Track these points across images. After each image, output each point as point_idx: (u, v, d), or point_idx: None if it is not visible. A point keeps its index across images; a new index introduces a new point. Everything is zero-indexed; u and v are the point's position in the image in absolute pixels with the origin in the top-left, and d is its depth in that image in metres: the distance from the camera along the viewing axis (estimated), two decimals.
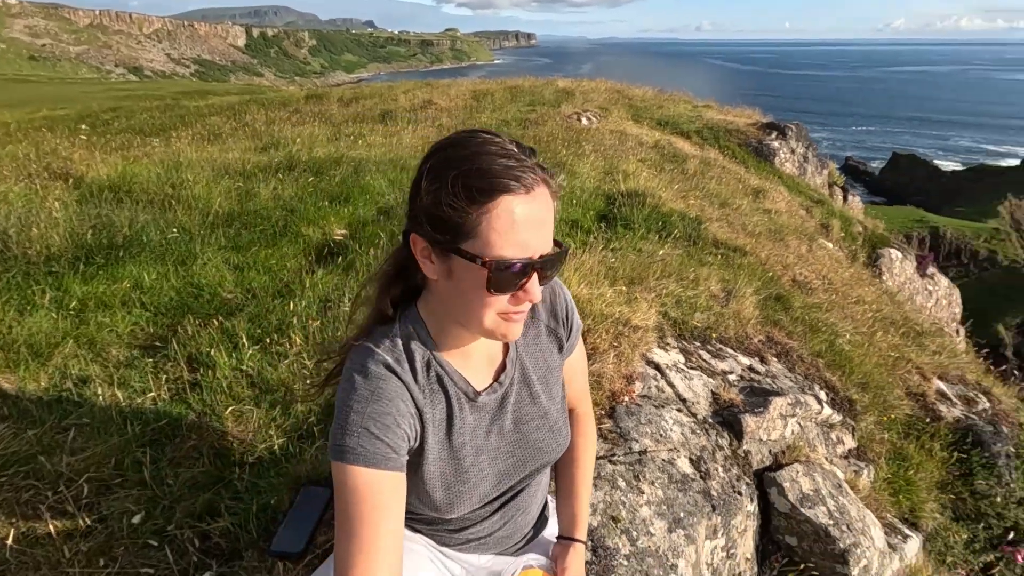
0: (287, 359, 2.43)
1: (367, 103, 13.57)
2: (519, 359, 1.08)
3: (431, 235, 0.87)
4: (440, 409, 0.99)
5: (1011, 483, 3.49)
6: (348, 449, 0.86)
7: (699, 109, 14.38)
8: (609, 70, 52.04)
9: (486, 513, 1.13)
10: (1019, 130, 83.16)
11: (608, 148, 7.69)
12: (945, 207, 46.98)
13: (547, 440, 1.11)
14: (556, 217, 0.91)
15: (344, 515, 0.86)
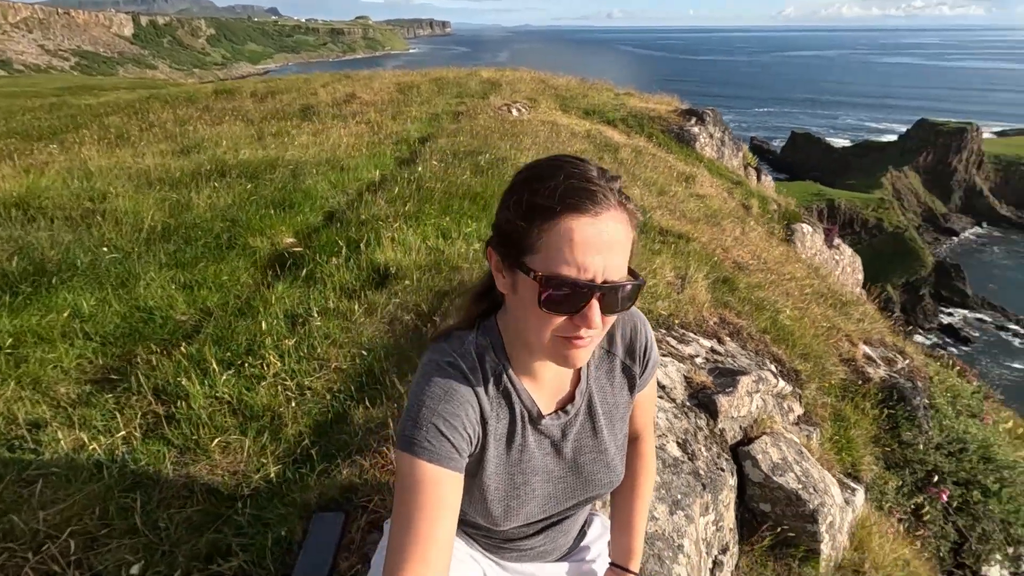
0: (265, 381, 2.34)
1: (284, 98, 12.94)
2: (588, 391, 1.08)
3: (501, 249, 0.90)
4: (504, 423, 1.01)
5: (929, 431, 3.95)
6: (416, 442, 0.88)
7: (621, 97, 14.83)
8: (526, 58, 52.44)
9: (530, 531, 1.16)
10: (895, 108, 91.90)
11: (544, 140, 7.80)
12: (838, 181, 51.32)
13: (601, 475, 1.11)
14: (634, 248, 0.90)
15: (403, 505, 0.87)
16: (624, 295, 0.87)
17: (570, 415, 1.05)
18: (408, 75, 16.29)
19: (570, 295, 0.84)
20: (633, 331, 1.10)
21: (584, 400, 1.07)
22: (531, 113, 10.96)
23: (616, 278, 0.85)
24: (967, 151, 52.58)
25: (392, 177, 5.27)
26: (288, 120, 10.32)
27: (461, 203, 4.51)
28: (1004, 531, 3.79)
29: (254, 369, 2.41)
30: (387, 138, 8.07)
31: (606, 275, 0.84)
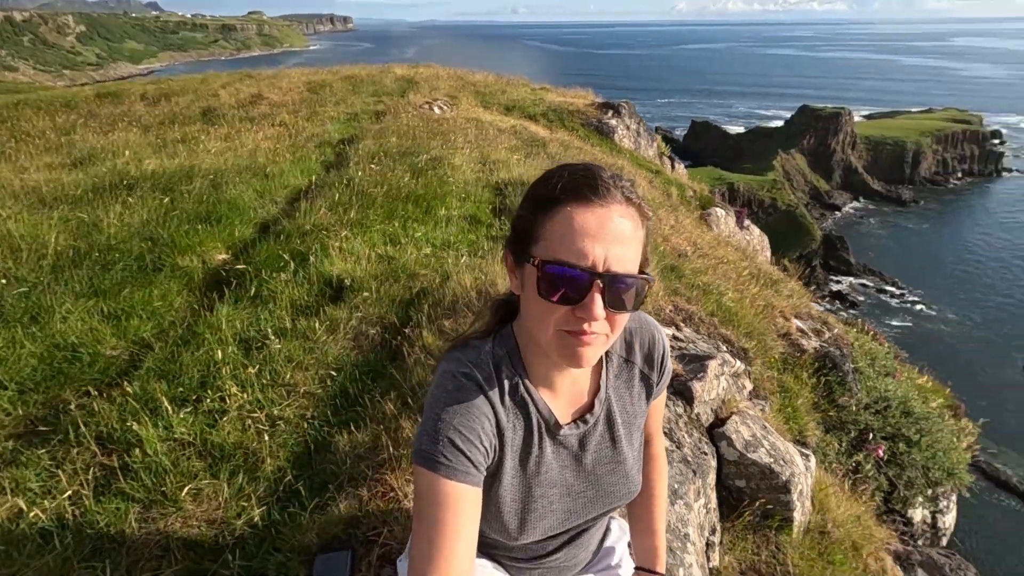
0: (229, 415, 2.14)
1: (181, 101, 11.97)
2: (608, 400, 1.07)
3: (512, 247, 0.91)
4: (520, 435, 0.99)
5: (858, 393, 4.33)
6: (433, 457, 0.88)
7: (538, 92, 15.00)
8: (435, 55, 51.77)
9: (551, 546, 1.15)
10: (779, 96, 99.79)
11: (472, 137, 7.73)
12: (735, 165, 55.12)
13: (620, 485, 1.10)
14: (646, 248, 0.89)
15: (423, 522, 0.86)
16: (628, 289, 0.85)
17: (589, 424, 1.04)
18: (318, 73, 15.61)
19: (568, 280, 0.82)
20: (651, 340, 1.10)
21: (603, 409, 1.06)
22: (454, 111, 10.83)
23: (620, 270, 0.83)
24: (843, 133, 58.06)
25: (323, 183, 5.01)
26: (190, 125, 9.57)
27: (405, 207, 4.37)
28: (924, 476, 4.24)
29: (213, 404, 2.20)
30: (307, 141, 7.67)
31: (607, 265, 0.82)
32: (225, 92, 12.96)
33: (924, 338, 30.73)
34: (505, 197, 5.02)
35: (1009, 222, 49.03)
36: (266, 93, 12.56)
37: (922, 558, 3.05)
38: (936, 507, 4.40)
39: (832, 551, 2.71)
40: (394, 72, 15.67)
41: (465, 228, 4.41)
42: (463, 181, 5.28)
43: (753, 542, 2.56)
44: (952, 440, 4.43)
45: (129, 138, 8.04)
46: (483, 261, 3.13)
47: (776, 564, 2.50)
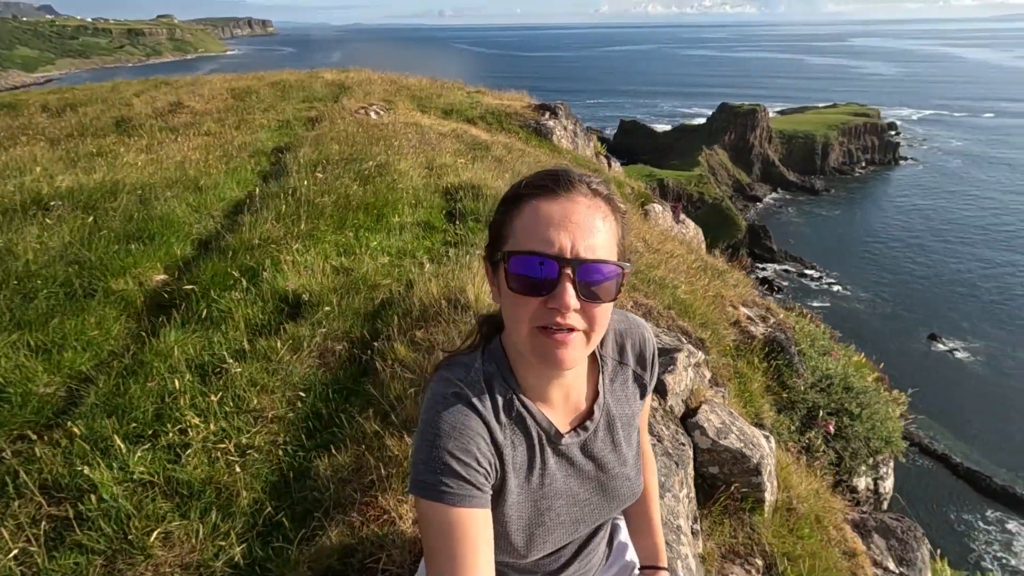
0: (192, 448, 1.99)
1: (89, 111, 11.14)
2: (606, 405, 1.05)
3: (488, 252, 0.91)
4: (521, 451, 0.97)
5: (804, 373, 4.59)
6: (434, 487, 0.85)
7: (475, 96, 14.97)
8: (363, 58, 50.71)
9: (563, 558, 1.13)
10: (700, 95, 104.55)
11: (415, 142, 7.60)
12: (663, 162, 57.35)
13: (623, 488, 1.10)
14: (620, 242, 0.87)
15: (436, 555, 0.83)
16: (601, 277, 0.83)
17: (589, 431, 1.02)
18: (243, 79, 14.94)
19: (535, 269, 0.80)
20: (642, 340, 1.11)
21: (603, 414, 1.05)
22: (391, 115, 10.63)
23: (587, 256, 0.81)
24: (759, 128, 61.56)
25: (265, 194, 4.77)
26: (103, 137, 8.92)
27: (356, 215, 4.23)
28: (866, 446, 4.54)
29: (173, 438, 2.03)
30: (240, 150, 7.29)
31: (575, 252, 0.80)
32: (139, 101, 12.16)
33: (842, 316, 32.97)
34: (457, 201, 4.97)
35: (907, 206, 53.63)
36: (187, 101, 11.88)
37: (876, 524, 3.27)
38: (877, 474, 4.73)
39: (799, 526, 2.85)
40: (323, 77, 15.22)
41: (420, 235, 4.33)
42: (412, 187, 5.18)
43: (730, 526, 2.65)
44: (887, 410, 4.78)
45: (35, 152, 7.37)
46: (447, 268, 3.07)
47: (752, 544, 2.60)
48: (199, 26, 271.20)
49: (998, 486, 22.18)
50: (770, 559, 2.57)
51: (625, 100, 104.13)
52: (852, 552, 2.94)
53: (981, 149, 68.89)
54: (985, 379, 28.85)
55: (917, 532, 3.22)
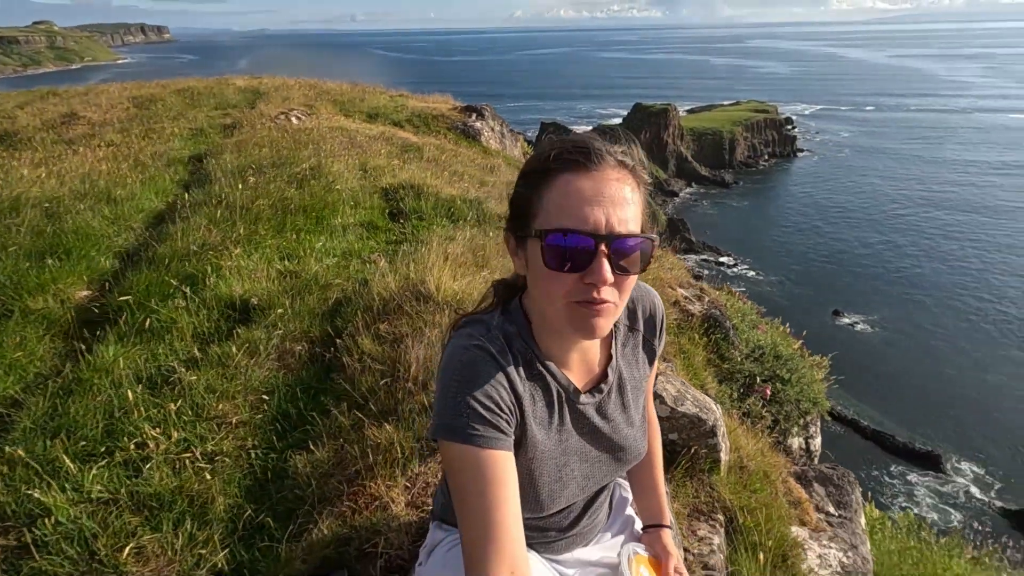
0: (154, 461, 1.87)
1: None
2: (618, 368, 1.09)
3: (513, 226, 0.93)
4: (540, 406, 1.01)
5: (739, 346, 4.92)
6: (460, 430, 0.86)
7: (398, 99, 14.79)
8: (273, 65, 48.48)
9: (573, 515, 1.19)
10: (615, 96, 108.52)
11: (346, 145, 7.43)
12: None
13: (631, 449, 1.13)
14: (645, 211, 0.91)
15: (464, 497, 0.85)
16: (634, 251, 0.86)
17: (604, 393, 1.07)
18: (144, 87, 14.01)
19: (572, 247, 0.82)
20: (652, 307, 1.15)
21: (616, 377, 1.09)
22: (314, 120, 10.30)
23: (621, 230, 0.84)
24: (672, 127, 64.72)
25: (190, 202, 4.50)
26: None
27: (295, 219, 4.10)
28: (797, 408, 4.93)
29: (130, 452, 1.91)
30: (152, 160, 6.83)
31: (610, 227, 0.83)
32: (24, 113, 11.14)
33: (757, 298, 35.12)
34: (398, 201, 4.92)
35: (806, 194, 58.24)
36: (81, 112, 11.01)
37: (815, 474, 3.57)
38: (808, 433, 5.15)
39: (752, 482, 3.07)
40: (235, 84, 14.53)
41: (364, 235, 4.26)
42: (350, 189, 5.07)
43: (692, 487, 2.82)
44: (812, 374, 5.21)
45: None
46: (402, 263, 3.05)
47: (714, 502, 2.78)
48: (84, 33, 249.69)
49: (900, 443, 24.59)
50: (730, 513, 2.76)
51: (544, 102, 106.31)
52: (797, 501, 3.20)
53: (865, 140, 76.03)
54: (882, 348, 31.86)
55: (850, 477, 3.55)
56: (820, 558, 2.93)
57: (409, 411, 1.91)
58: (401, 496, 1.62)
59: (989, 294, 36.60)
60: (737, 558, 2.53)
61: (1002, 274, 39.06)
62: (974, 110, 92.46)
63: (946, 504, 21.77)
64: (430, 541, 1.24)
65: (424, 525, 1.50)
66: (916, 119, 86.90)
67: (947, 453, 24.09)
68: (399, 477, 1.68)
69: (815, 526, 3.12)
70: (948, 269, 40.61)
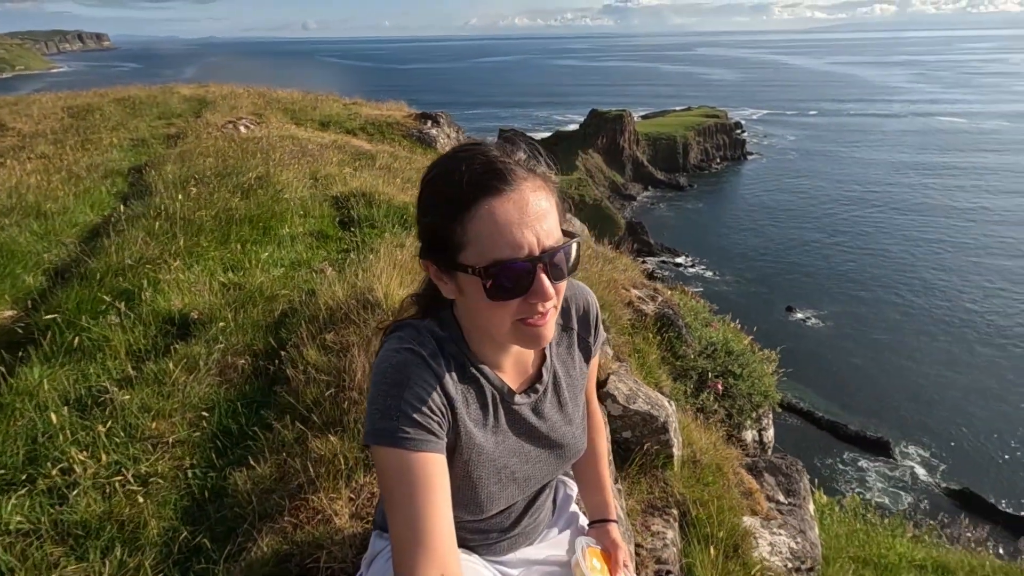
0: (81, 486, 1.78)
1: None
2: (553, 367, 1.09)
3: (433, 255, 0.89)
4: (475, 408, 1.00)
5: (692, 343, 5.03)
6: (391, 433, 0.86)
7: (351, 107, 14.57)
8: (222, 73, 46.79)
9: (514, 515, 1.18)
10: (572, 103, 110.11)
11: (295, 154, 7.27)
12: None
13: (570, 447, 1.14)
14: (559, 209, 0.90)
15: (395, 501, 0.84)
16: (567, 257, 0.87)
17: (539, 393, 1.07)
18: (80, 96, 13.39)
19: (514, 276, 0.82)
20: (585, 304, 1.15)
21: (551, 376, 1.09)
22: (263, 129, 10.05)
23: (552, 243, 0.84)
24: (628, 132, 66.08)
25: (128, 215, 4.31)
26: None
27: (240, 229, 3.98)
28: (749, 401, 5.08)
29: (54, 479, 1.80)
30: (89, 172, 6.52)
31: (542, 244, 0.83)
32: None
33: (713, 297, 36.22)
34: (349, 209, 4.84)
35: (757, 196, 60.40)
36: (10, 123, 10.46)
37: (765, 464, 3.68)
38: (760, 426, 5.31)
39: (704, 475, 3.13)
40: (180, 92, 14.05)
41: (314, 244, 4.17)
42: (299, 198, 4.96)
43: (646, 484, 2.86)
44: (762, 368, 5.38)
45: None
46: (350, 272, 3.00)
47: (668, 497, 2.82)
48: (15, 40, 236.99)
49: (852, 432, 25.65)
50: (684, 507, 2.81)
51: (501, 109, 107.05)
52: (749, 491, 3.29)
53: (809, 143, 79.51)
54: (833, 340, 33.23)
55: (798, 466, 3.68)
56: (771, 545, 3.01)
57: (354, 421, 1.87)
58: (345, 508, 1.58)
59: (923, 288, 38.76)
60: (691, 551, 2.57)
61: (935, 269, 41.43)
62: (907, 114, 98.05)
63: (896, 488, 22.81)
64: (371, 551, 1.22)
65: (368, 536, 1.47)
66: (855, 123, 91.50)
67: (896, 439, 25.27)
68: (343, 489, 1.64)
69: (766, 515, 3.21)
70: (886, 265, 42.82)
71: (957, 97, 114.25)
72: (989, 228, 47.00)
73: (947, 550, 3.88)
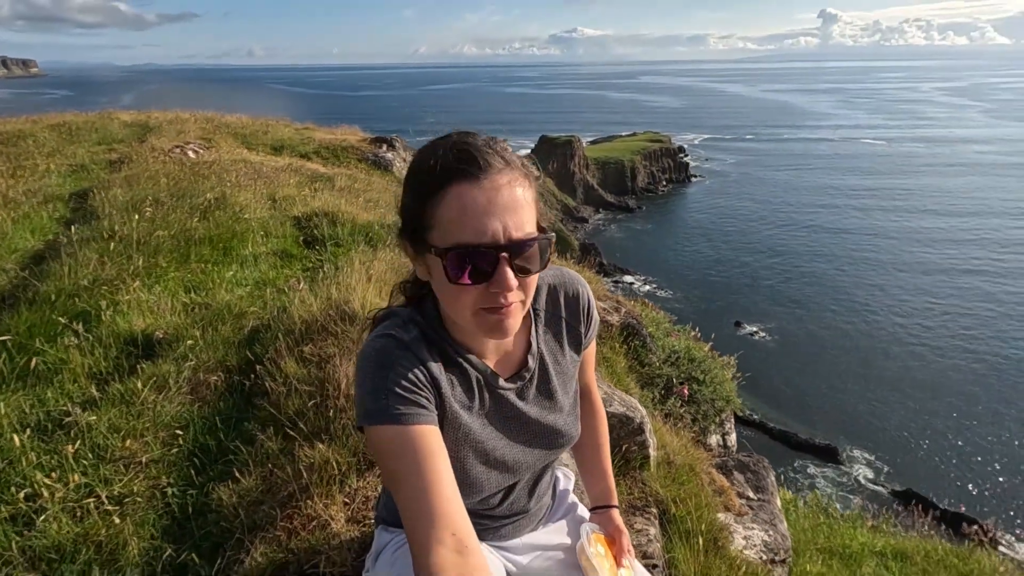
0: (50, 511, 1.68)
1: None
2: (539, 355, 1.09)
3: (407, 235, 0.91)
4: (460, 391, 1.00)
5: (656, 352, 5.18)
6: (384, 411, 0.86)
7: (304, 132, 14.43)
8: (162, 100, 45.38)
9: (518, 502, 1.19)
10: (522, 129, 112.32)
11: (250, 176, 7.13)
12: None
13: (560, 435, 1.13)
14: (533, 203, 0.90)
15: (400, 477, 0.84)
16: (534, 252, 0.87)
17: (525, 380, 1.07)
18: (9, 123, 12.73)
19: (474, 260, 0.83)
20: (575, 293, 1.14)
21: (537, 363, 1.09)
22: (213, 153, 9.81)
23: (520, 236, 0.84)
24: (577, 157, 67.84)
25: (75, 239, 4.11)
26: None
27: (199, 250, 3.86)
28: (712, 406, 5.25)
29: (17, 506, 1.69)
30: (26, 197, 6.18)
31: (507, 234, 0.83)
32: None
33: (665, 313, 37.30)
34: (312, 229, 4.78)
35: (702, 217, 62.92)
36: None
37: (735, 463, 3.80)
38: (724, 430, 5.48)
39: (679, 475, 3.21)
40: (120, 118, 13.58)
41: (277, 264, 4.09)
42: (259, 218, 4.86)
43: (626, 485, 2.90)
44: (723, 374, 5.58)
45: None
46: (323, 286, 2.96)
47: (647, 496, 2.87)
48: None
49: (803, 440, 26.67)
50: (663, 505, 2.87)
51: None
52: (721, 489, 3.39)
53: (747, 166, 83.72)
54: (780, 353, 34.65)
55: (765, 463, 3.82)
56: (746, 539, 3.10)
57: (342, 428, 1.85)
58: (341, 513, 1.56)
59: (855, 304, 41.07)
60: (672, 546, 2.62)
61: (865, 286, 44.05)
62: (834, 138, 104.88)
63: (844, 491, 23.74)
64: (376, 546, 1.21)
65: (367, 538, 1.46)
66: (788, 146, 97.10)
67: (842, 445, 26.41)
68: (337, 494, 1.61)
69: (738, 510, 3.32)
70: (822, 282, 45.23)
71: (878, 122, 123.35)
72: (911, 247, 50.48)
73: (903, 537, 4.09)
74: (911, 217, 58.60)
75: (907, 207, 61.72)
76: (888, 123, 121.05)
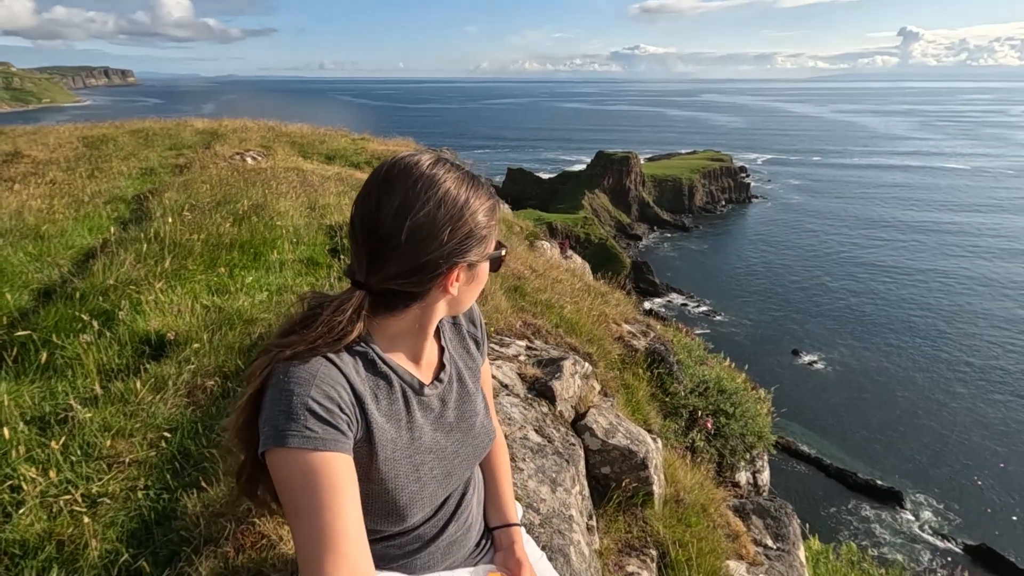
0: (28, 505, 1.73)
1: None
2: (453, 358, 1.14)
3: (468, 260, 0.98)
4: (385, 404, 0.98)
5: (683, 380, 4.95)
6: (295, 433, 0.81)
7: (359, 142, 14.90)
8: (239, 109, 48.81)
9: (441, 521, 1.13)
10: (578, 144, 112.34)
11: (296, 185, 7.39)
12: (550, 206, 60.45)
13: (481, 436, 1.16)
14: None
15: (299, 508, 0.79)
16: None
17: (444, 383, 1.09)
18: (97, 128, 13.77)
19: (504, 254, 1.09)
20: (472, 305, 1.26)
21: (452, 366, 1.13)
22: (269, 161, 10.27)
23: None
24: (634, 173, 67.05)
25: (123, 239, 4.37)
26: None
27: (229, 254, 4.00)
28: (742, 442, 4.96)
29: (1, 496, 1.76)
30: (93, 198, 6.64)
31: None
32: None
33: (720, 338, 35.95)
34: (344, 237, 4.87)
35: (761, 239, 60.63)
36: (26, 150, 10.73)
37: (753, 506, 3.55)
38: (755, 467, 5.16)
39: (687, 515, 3.02)
40: (193, 125, 14.46)
41: (302, 271, 4.18)
42: (293, 226, 5.01)
43: (624, 522, 2.75)
44: (756, 408, 5.27)
45: None
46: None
47: (647, 536, 2.71)
48: (43, 75, 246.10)
49: (862, 481, 24.90)
50: (663, 548, 2.70)
51: (510, 149, 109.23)
52: (735, 534, 3.17)
53: (813, 189, 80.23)
54: (841, 385, 32.66)
55: (787, 508, 3.55)
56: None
57: None
58: (289, 534, 1.53)
59: (924, 342, 38.18)
60: None
61: (946, 317, 40.99)
62: (910, 165, 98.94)
63: (908, 541, 21.97)
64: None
65: None
66: (857, 172, 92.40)
67: (907, 490, 24.50)
68: None
69: (752, 559, 3.08)
70: (892, 311, 42.47)
71: (961, 149, 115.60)
72: (988, 292, 46.48)
73: None
74: (990, 259, 54.16)
75: (987, 247, 57.15)
76: (973, 151, 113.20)
